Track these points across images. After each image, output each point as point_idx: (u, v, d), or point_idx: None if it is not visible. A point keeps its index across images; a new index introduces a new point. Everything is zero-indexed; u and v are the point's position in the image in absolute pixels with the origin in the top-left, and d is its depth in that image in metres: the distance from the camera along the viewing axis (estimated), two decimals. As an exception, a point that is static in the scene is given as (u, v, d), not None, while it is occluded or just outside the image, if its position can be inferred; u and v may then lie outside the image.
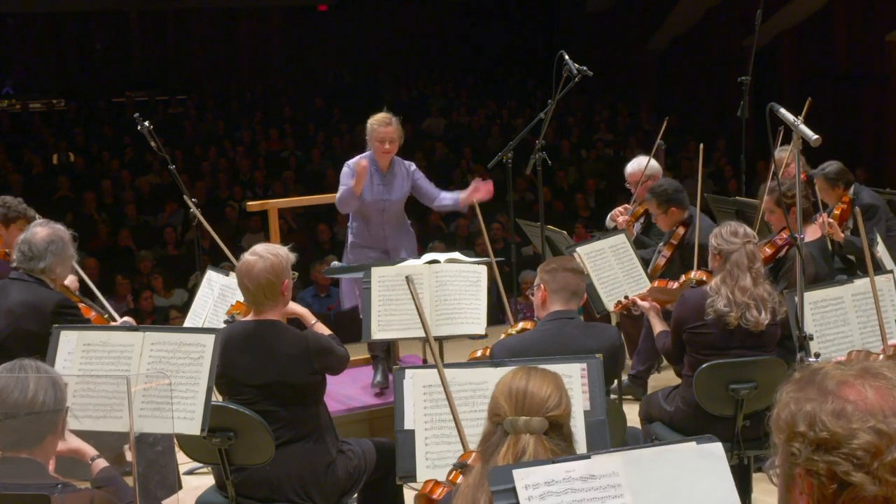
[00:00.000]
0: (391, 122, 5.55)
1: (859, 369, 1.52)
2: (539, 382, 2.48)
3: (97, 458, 3.11)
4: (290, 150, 14.53)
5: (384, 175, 5.60)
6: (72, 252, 4.57)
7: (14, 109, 17.11)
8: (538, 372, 2.54)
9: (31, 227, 4.61)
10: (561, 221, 9.63)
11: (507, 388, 2.49)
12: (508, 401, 2.45)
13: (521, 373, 2.53)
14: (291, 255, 3.97)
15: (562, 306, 3.96)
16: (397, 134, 5.59)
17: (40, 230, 4.51)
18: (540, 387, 2.47)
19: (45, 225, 4.58)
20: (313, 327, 4.16)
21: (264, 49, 19.14)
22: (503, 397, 2.47)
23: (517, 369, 2.57)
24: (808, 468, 1.47)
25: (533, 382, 2.48)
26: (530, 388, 2.46)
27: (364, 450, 4.07)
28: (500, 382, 2.53)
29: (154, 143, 5.56)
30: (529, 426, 2.39)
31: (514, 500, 2.11)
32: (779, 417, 1.53)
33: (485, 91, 17.84)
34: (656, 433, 4.49)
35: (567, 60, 5.58)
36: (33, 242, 4.46)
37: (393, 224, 5.65)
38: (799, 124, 3.91)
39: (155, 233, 11.82)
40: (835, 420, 1.46)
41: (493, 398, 2.51)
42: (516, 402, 2.44)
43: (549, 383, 2.49)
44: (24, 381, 2.68)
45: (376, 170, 5.58)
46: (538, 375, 2.51)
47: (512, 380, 2.51)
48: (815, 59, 14.26)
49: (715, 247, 4.40)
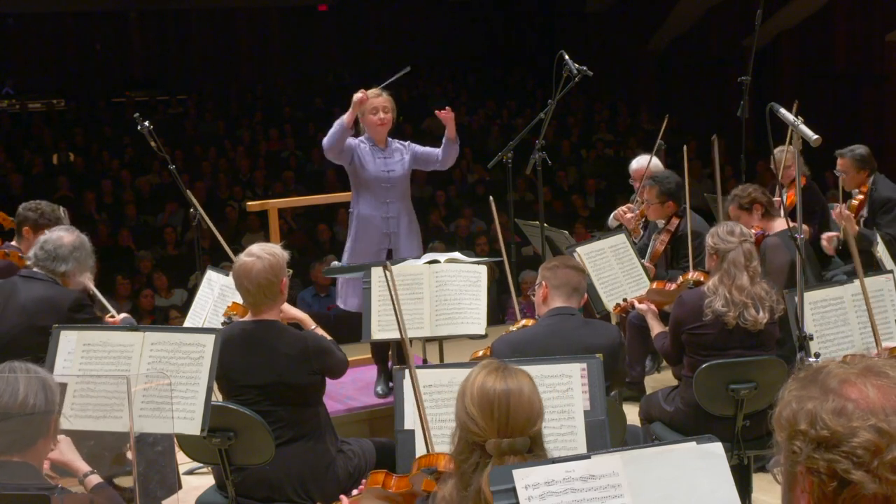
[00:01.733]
0: (381, 92, 5.39)
1: (862, 368, 1.52)
2: (518, 391, 2.35)
3: (90, 474, 3.07)
4: (290, 150, 14.53)
5: (383, 150, 5.45)
6: (92, 263, 4.61)
7: (14, 109, 17.10)
8: (511, 375, 2.40)
9: (55, 230, 4.63)
10: (561, 221, 9.63)
11: (485, 399, 2.35)
12: (489, 419, 2.33)
13: (497, 378, 2.38)
14: (286, 253, 3.99)
15: (563, 302, 3.97)
16: (391, 104, 5.42)
17: (66, 235, 4.53)
18: (520, 397, 2.35)
19: (72, 231, 4.61)
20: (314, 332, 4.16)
21: (264, 49, 19.14)
22: (481, 414, 2.34)
23: (489, 371, 2.42)
24: (808, 466, 1.47)
25: (513, 392, 2.35)
26: (512, 401, 2.34)
27: (364, 449, 4.07)
28: (472, 390, 2.38)
29: (154, 143, 5.55)
30: (514, 448, 2.32)
31: (514, 500, 2.11)
32: (781, 415, 1.53)
33: (485, 91, 17.84)
34: (656, 433, 4.50)
35: (567, 60, 5.58)
36: (60, 244, 4.47)
37: (396, 202, 5.42)
38: (799, 124, 3.91)
39: (155, 233, 11.83)
40: (835, 418, 1.46)
41: (466, 410, 2.37)
42: (499, 422, 2.33)
43: (526, 389, 2.37)
44: (13, 383, 2.64)
45: (374, 145, 5.41)
46: (514, 379, 2.38)
47: (490, 386, 2.36)
48: (815, 59, 14.26)
49: (711, 246, 4.41)
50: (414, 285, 4.80)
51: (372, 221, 5.39)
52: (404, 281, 4.76)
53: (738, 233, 4.38)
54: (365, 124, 5.44)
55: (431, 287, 4.82)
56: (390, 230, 5.40)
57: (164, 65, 18.73)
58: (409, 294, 4.75)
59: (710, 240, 4.43)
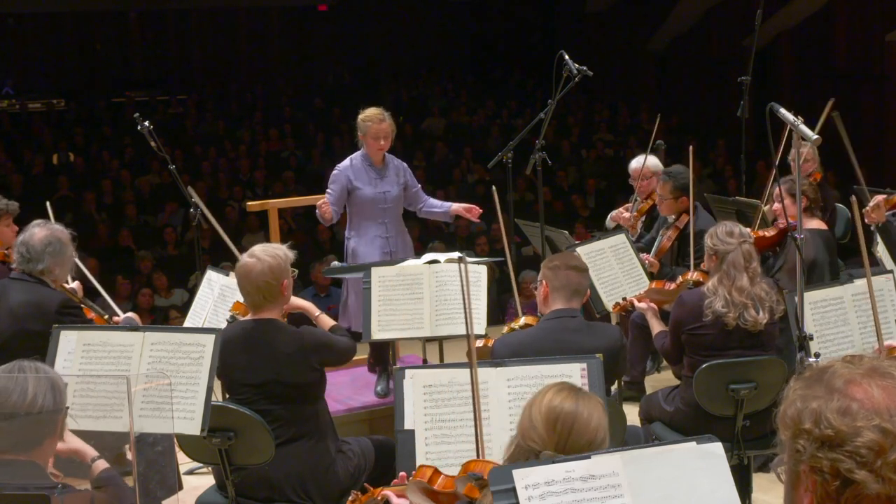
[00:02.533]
0: (384, 119, 5.55)
1: (868, 368, 1.52)
2: (587, 415, 2.31)
3: (97, 458, 3.09)
4: (290, 150, 14.53)
5: (379, 169, 5.62)
6: (71, 253, 4.53)
7: (14, 109, 17.10)
8: (585, 399, 2.36)
9: (29, 227, 4.58)
10: (561, 221, 9.63)
11: (552, 414, 2.31)
12: (550, 431, 2.30)
13: (569, 397, 2.35)
14: (291, 254, 3.97)
15: (563, 304, 3.96)
16: (391, 130, 5.60)
17: (38, 231, 4.47)
18: (587, 422, 2.31)
19: (44, 226, 4.53)
20: (317, 319, 4.16)
21: (264, 49, 19.14)
22: (545, 425, 2.31)
23: (562, 388, 2.38)
24: (812, 465, 1.47)
25: (581, 414, 2.31)
26: (578, 423, 2.30)
27: (363, 448, 4.08)
28: (542, 402, 2.35)
29: (154, 143, 5.55)
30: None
31: (514, 500, 2.11)
32: (785, 414, 1.53)
33: (485, 91, 17.83)
34: (656, 433, 4.49)
35: (567, 60, 5.58)
36: (31, 244, 4.42)
37: (394, 223, 5.65)
38: (799, 124, 3.90)
39: (155, 233, 11.83)
40: (840, 418, 1.46)
41: (531, 418, 2.33)
42: (559, 436, 2.30)
43: (595, 417, 2.32)
44: (22, 383, 2.65)
45: (370, 165, 5.59)
46: (586, 404, 2.34)
47: (559, 404, 2.33)
48: (815, 59, 14.26)
49: (711, 247, 4.40)
50: (414, 285, 4.80)
51: (372, 243, 5.56)
52: (404, 281, 4.77)
53: (738, 234, 4.38)
54: (365, 144, 5.60)
55: (431, 287, 4.82)
56: (390, 249, 5.58)
57: (164, 65, 18.73)
58: (409, 294, 4.76)
59: (710, 241, 4.42)
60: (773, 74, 14.37)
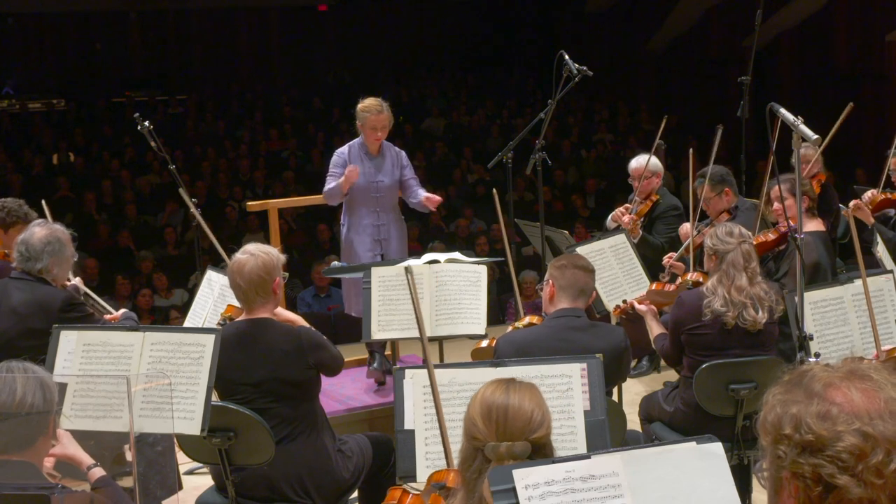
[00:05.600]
0: (383, 110, 5.66)
1: (846, 371, 1.51)
2: (519, 401, 2.37)
3: (94, 466, 3.07)
4: (290, 150, 14.54)
5: (375, 159, 5.71)
6: (70, 252, 4.54)
7: (14, 109, 17.10)
8: (516, 387, 2.42)
9: (29, 227, 4.59)
10: (561, 221, 9.63)
11: (485, 407, 2.37)
12: (487, 423, 2.35)
13: (499, 389, 2.41)
14: (282, 256, 4.04)
15: (569, 304, 3.97)
16: (389, 120, 5.71)
17: (38, 230, 4.48)
18: (520, 406, 2.36)
19: (43, 225, 4.56)
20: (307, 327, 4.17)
21: (264, 49, 19.14)
22: (481, 418, 2.36)
23: (494, 383, 2.45)
24: (794, 471, 1.46)
25: (513, 401, 2.36)
26: (511, 409, 2.35)
27: (361, 446, 4.09)
28: (477, 399, 2.42)
29: (154, 143, 5.56)
30: (512, 453, 2.31)
31: (514, 500, 2.11)
32: (765, 420, 1.52)
33: (485, 91, 17.83)
34: (656, 433, 4.50)
35: (567, 60, 5.59)
36: (30, 243, 4.44)
37: (387, 211, 5.72)
38: (799, 124, 3.90)
39: (155, 233, 11.83)
40: (820, 422, 1.45)
41: (470, 417, 2.40)
42: (497, 425, 2.34)
43: (528, 400, 2.38)
44: (10, 383, 2.65)
45: (366, 153, 5.71)
46: (517, 392, 2.40)
47: (490, 397, 2.39)
48: (815, 59, 14.26)
49: (710, 247, 4.41)
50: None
51: (364, 230, 5.64)
52: (404, 281, 4.76)
53: (737, 234, 4.38)
54: (362, 132, 5.70)
55: (431, 287, 4.83)
56: (381, 237, 5.66)
57: (164, 65, 18.72)
58: (408, 294, 4.75)
59: (709, 241, 4.43)
60: (773, 74, 14.37)
